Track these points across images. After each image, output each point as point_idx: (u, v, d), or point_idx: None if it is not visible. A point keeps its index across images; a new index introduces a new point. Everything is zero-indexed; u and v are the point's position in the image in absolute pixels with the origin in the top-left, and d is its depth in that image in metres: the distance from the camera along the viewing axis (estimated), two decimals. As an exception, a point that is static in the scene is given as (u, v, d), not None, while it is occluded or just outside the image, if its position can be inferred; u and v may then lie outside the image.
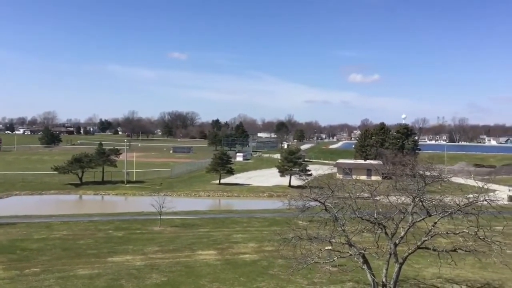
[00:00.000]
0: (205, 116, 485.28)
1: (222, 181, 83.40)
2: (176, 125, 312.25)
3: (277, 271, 27.64)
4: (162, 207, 42.26)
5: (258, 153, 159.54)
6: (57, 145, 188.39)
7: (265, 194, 74.34)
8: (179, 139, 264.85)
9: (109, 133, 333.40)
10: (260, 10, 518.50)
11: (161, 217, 42.99)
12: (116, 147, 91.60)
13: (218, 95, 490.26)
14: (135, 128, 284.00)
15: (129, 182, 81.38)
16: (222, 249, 34.03)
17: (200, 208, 57.99)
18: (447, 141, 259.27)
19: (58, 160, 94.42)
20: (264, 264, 29.46)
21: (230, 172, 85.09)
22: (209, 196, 74.28)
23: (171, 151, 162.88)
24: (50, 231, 40.34)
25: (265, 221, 46.33)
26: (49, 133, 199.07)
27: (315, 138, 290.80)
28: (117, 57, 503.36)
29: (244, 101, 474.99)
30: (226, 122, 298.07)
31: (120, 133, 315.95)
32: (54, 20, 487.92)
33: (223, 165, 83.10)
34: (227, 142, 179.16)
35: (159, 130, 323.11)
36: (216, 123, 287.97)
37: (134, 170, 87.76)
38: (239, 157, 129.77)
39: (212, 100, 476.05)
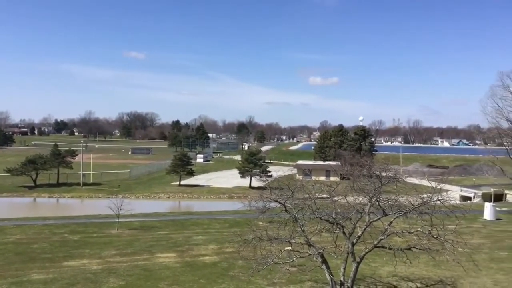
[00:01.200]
0: (165, 117, 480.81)
1: (182, 182, 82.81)
2: (135, 126, 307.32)
3: (237, 272, 27.63)
4: (120, 209, 41.31)
5: (218, 154, 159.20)
6: (10, 146, 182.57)
7: (225, 196, 74.35)
8: (138, 140, 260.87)
9: (65, 134, 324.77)
10: (220, 11, 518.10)
11: (119, 219, 42.08)
12: (72, 148, 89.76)
13: (178, 96, 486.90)
14: (92, 128, 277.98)
15: (85, 184, 79.52)
16: (182, 251, 33.71)
17: (159, 210, 57.24)
18: (402, 142, 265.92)
19: (11, 161, 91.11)
20: (224, 266, 29.39)
21: (191, 173, 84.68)
22: (168, 197, 73.60)
23: (129, 153, 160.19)
24: (3, 235, 38.81)
25: (225, 223, 46.25)
26: (1, 133, 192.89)
27: (275, 140, 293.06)
28: (72, 56, 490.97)
29: (205, 102, 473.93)
30: (187, 123, 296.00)
31: (76, 134, 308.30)
32: (4, 15, 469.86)
33: (183, 167, 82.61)
34: (187, 143, 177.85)
35: (117, 131, 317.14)
36: (176, 124, 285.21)
37: (91, 172, 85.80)
38: (200, 159, 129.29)
39: (172, 101, 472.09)
